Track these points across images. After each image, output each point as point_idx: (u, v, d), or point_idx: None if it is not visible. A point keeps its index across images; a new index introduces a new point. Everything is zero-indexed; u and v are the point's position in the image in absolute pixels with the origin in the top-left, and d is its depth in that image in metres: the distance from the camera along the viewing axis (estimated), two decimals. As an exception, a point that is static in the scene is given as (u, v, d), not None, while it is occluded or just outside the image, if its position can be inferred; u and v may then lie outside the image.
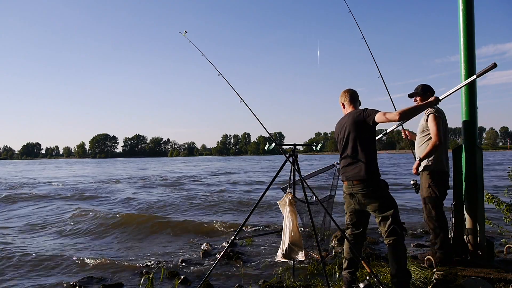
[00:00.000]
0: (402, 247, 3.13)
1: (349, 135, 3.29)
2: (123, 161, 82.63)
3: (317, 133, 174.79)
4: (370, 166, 3.18)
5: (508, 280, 3.44)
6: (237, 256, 5.10)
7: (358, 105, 3.47)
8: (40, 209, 10.40)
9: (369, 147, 3.24)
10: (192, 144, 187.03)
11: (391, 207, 3.16)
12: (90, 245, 6.32)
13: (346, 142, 3.33)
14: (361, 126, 3.23)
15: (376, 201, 3.17)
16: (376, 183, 3.20)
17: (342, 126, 3.40)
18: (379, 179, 3.26)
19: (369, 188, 3.16)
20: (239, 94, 3.84)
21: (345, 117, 3.43)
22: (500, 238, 5.44)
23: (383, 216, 3.16)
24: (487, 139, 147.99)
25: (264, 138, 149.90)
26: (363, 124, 3.22)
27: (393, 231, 3.11)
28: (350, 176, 3.26)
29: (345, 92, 3.50)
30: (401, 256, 3.12)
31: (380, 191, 3.19)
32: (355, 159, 3.24)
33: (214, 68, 4.07)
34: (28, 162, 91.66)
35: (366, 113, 3.22)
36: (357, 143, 3.25)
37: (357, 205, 3.29)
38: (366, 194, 3.18)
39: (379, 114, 3.12)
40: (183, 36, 4.13)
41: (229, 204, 11.04)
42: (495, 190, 6.67)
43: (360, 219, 3.37)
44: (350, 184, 3.26)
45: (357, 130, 3.24)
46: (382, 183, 3.28)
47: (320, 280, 3.91)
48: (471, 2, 3.98)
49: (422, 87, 4.06)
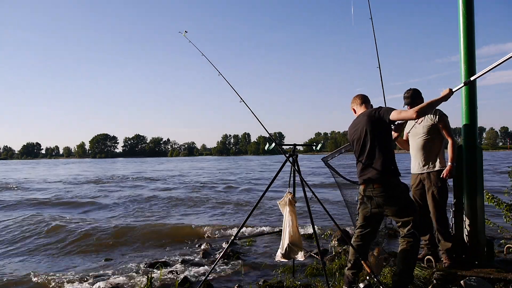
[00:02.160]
0: (415, 251, 3.08)
1: (366, 136, 3.17)
2: (122, 161, 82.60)
3: (317, 133, 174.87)
4: (390, 167, 3.09)
5: (508, 280, 3.44)
6: (237, 256, 5.10)
7: (370, 107, 3.39)
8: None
9: (388, 147, 3.15)
10: (192, 144, 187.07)
11: (411, 213, 3.08)
12: (90, 245, 6.31)
13: (363, 143, 3.19)
14: (378, 125, 3.12)
15: (396, 205, 3.08)
16: (397, 185, 3.11)
17: (357, 127, 3.27)
18: (400, 182, 3.16)
19: (389, 192, 3.08)
20: (239, 94, 3.84)
21: (358, 117, 3.31)
22: (500, 238, 5.44)
23: (403, 222, 3.10)
24: (487, 139, 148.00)
25: (264, 138, 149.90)
26: (380, 122, 3.11)
27: (411, 235, 3.06)
28: (370, 178, 3.14)
29: (356, 97, 3.44)
30: (410, 260, 3.09)
31: (401, 195, 3.10)
32: (374, 160, 3.13)
33: (214, 68, 4.07)
34: (23, 162, 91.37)
35: (381, 111, 3.11)
36: (375, 143, 3.13)
37: (375, 208, 3.17)
38: (386, 197, 3.09)
39: (395, 112, 3.01)
40: (183, 36, 4.13)
41: (229, 204, 11.04)
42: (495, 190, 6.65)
43: (373, 221, 3.29)
44: (370, 187, 3.14)
45: (374, 129, 3.13)
46: (403, 186, 3.16)
47: (320, 280, 3.91)
48: (471, 2, 3.97)
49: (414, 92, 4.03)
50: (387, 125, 3.12)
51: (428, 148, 4.00)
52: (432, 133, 3.97)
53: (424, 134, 4.02)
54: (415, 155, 4.11)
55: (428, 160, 3.99)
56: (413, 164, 4.14)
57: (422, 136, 4.03)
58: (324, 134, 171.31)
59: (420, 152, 4.04)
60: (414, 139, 4.13)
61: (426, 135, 4.01)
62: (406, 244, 3.08)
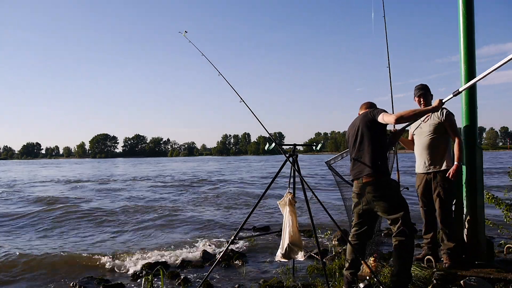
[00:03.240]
0: (408, 249, 3.10)
1: (358, 132, 3.33)
2: (120, 161, 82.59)
3: (317, 133, 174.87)
4: (377, 163, 3.17)
5: (508, 280, 3.44)
6: (237, 256, 5.10)
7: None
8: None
9: (378, 145, 3.24)
10: (192, 144, 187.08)
11: (400, 209, 3.11)
12: (89, 244, 6.31)
13: (355, 140, 3.36)
14: (370, 124, 3.26)
15: (385, 201, 3.13)
16: (386, 181, 3.19)
17: (354, 125, 3.45)
18: (389, 178, 3.25)
19: (378, 187, 3.14)
20: (239, 94, 3.84)
21: (357, 117, 3.48)
22: (500, 238, 5.44)
23: (392, 219, 3.13)
24: (487, 139, 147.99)
25: (264, 138, 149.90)
26: (372, 122, 3.26)
27: (401, 233, 3.07)
28: (358, 172, 3.26)
29: (363, 104, 3.59)
30: (405, 258, 3.10)
31: (390, 191, 3.17)
32: (362, 155, 3.26)
33: (214, 68, 4.06)
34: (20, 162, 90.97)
35: (375, 111, 3.28)
36: (364, 140, 3.27)
37: (366, 204, 3.24)
38: (375, 193, 3.14)
39: (381, 115, 3.17)
40: (183, 36, 4.13)
41: (229, 204, 11.05)
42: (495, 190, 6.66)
43: (367, 219, 3.33)
44: (360, 182, 3.24)
45: (366, 128, 3.28)
46: (393, 182, 3.25)
47: (320, 280, 3.91)
48: (471, 2, 3.97)
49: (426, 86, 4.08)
50: (379, 125, 3.24)
51: (434, 147, 3.96)
52: (438, 132, 3.94)
53: (430, 132, 3.98)
54: (421, 154, 4.06)
55: (435, 159, 3.95)
56: (419, 163, 4.10)
57: (428, 134, 3.99)
58: (324, 134, 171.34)
59: (426, 151, 4.00)
60: (419, 138, 4.10)
61: (432, 134, 3.97)
62: (398, 243, 3.10)
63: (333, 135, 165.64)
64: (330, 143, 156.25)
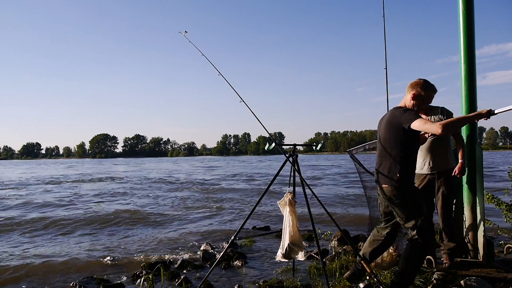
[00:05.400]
0: (416, 256, 3.03)
1: (380, 136, 3.15)
2: (119, 161, 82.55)
3: (317, 133, 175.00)
4: (395, 173, 2.99)
5: (508, 280, 3.44)
6: (237, 256, 5.10)
7: (410, 98, 3.12)
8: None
9: (398, 154, 3.00)
10: (192, 144, 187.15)
11: (415, 217, 2.98)
12: (89, 244, 6.31)
13: (379, 141, 3.18)
14: (394, 129, 2.99)
15: (400, 210, 3.04)
16: (402, 190, 3.00)
17: (381, 122, 3.23)
18: (406, 186, 3.01)
19: (393, 195, 3.02)
20: (239, 94, 3.84)
21: (389, 111, 3.19)
22: (500, 238, 5.44)
23: (407, 227, 3.06)
24: (487, 139, 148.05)
25: (264, 138, 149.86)
26: (397, 126, 2.96)
27: (414, 242, 3.01)
28: (377, 176, 3.18)
29: (409, 84, 3.19)
30: (413, 264, 3.06)
31: (404, 200, 3.00)
32: (382, 164, 3.11)
33: (214, 68, 4.06)
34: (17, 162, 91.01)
35: (404, 116, 2.91)
36: (386, 145, 3.06)
37: (388, 206, 3.19)
38: (389, 202, 3.08)
39: (419, 122, 2.78)
40: (183, 36, 4.13)
41: (228, 204, 11.04)
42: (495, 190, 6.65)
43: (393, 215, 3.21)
44: (379, 186, 3.17)
45: (389, 132, 3.04)
46: (411, 189, 3.04)
47: (320, 280, 3.91)
48: (471, 2, 3.97)
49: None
50: (405, 132, 2.92)
51: (438, 148, 3.92)
52: None
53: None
54: (423, 155, 4.02)
55: (437, 160, 3.92)
56: (420, 164, 4.05)
57: (430, 135, 3.95)
58: (324, 134, 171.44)
59: (429, 152, 3.96)
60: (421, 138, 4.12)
61: (435, 134, 3.97)
62: (409, 248, 3.05)
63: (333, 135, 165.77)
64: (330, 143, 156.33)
